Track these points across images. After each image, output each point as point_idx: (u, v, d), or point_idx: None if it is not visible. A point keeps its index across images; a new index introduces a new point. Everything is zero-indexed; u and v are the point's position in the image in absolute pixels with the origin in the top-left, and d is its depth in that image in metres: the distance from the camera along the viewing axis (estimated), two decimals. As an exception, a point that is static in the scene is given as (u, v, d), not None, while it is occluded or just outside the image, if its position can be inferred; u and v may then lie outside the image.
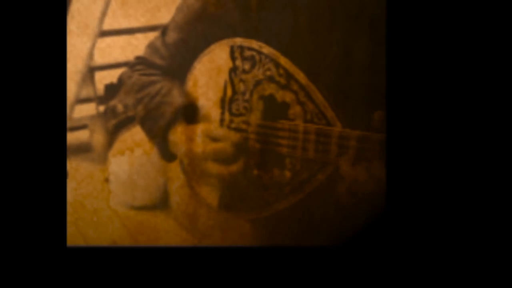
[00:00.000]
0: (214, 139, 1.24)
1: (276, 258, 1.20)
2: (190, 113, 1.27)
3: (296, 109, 1.18)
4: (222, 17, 1.23)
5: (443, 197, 1.12)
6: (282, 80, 1.19)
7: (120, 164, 1.30)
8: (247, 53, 1.22)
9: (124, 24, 1.36)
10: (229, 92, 1.24)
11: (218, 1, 1.23)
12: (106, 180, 1.26)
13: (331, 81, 1.18)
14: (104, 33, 1.34)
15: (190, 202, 1.26)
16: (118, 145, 1.30)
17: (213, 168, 1.23)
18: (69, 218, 1.26)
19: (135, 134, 1.31)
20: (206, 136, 1.25)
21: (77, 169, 1.29)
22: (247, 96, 1.22)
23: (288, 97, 1.19)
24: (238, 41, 1.22)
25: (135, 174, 1.32)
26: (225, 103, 1.24)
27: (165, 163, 1.30)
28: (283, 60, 1.19)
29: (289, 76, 1.18)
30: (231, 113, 1.24)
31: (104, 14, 1.31)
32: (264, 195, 1.21)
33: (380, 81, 1.15)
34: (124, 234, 1.26)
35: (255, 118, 1.22)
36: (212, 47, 1.25)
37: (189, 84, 1.28)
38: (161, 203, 1.29)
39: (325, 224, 1.20)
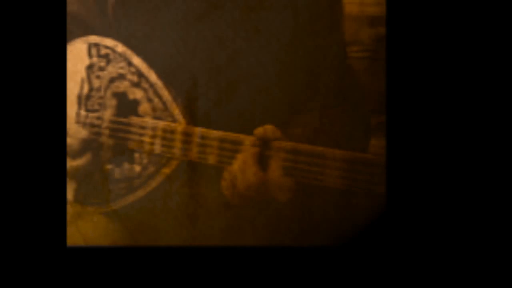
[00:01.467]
0: (69, 136, 1.28)
1: (275, 258, 1.20)
2: None
3: (145, 106, 1.23)
4: (80, 15, 1.26)
5: (444, 197, 1.11)
6: (134, 78, 1.23)
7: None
8: (103, 51, 1.26)
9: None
10: (85, 88, 1.27)
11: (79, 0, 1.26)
12: None
13: (331, 81, 1.18)
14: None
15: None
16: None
17: (68, 163, 1.27)
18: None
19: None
20: None
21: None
22: (101, 92, 1.26)
23: (138, 94, 1.23)
24: (95, 39, 1.26)
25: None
26: (81, 99, 1.28)
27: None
28: (136, 59, 1.23)
29: (140, 74, 1.23)
30: (86, 109, 1.27)
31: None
32: (115, 189, 1.25)
33: (380, 81, 1.15)
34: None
35: (108, 114, 1.26)
36: (70, 44, 1.27)
37: None
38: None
39: (325, 224, 1.20)
